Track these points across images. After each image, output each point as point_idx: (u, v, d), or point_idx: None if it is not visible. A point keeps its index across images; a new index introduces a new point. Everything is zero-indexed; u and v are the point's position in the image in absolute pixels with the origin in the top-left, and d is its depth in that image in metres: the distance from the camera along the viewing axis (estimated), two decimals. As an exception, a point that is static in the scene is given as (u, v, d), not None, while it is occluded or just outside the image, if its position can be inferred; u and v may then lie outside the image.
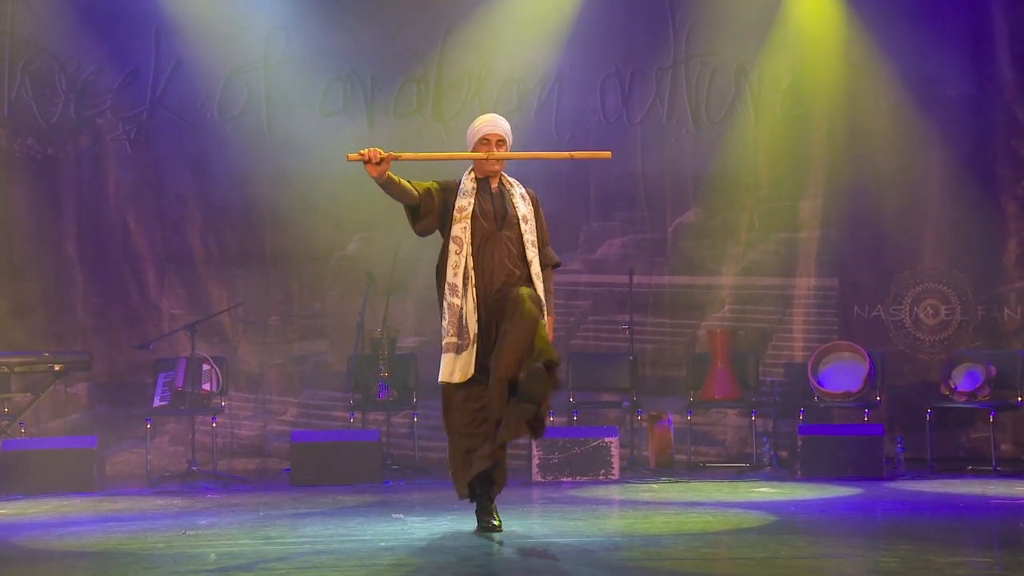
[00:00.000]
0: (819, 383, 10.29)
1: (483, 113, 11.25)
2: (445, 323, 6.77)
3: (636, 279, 10.65)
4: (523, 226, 6.89)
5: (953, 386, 10.18)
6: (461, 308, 6.74)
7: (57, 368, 9.85)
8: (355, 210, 10.75)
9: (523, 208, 6.93)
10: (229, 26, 10.88)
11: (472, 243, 6.82)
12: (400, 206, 6.90)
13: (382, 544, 6.53)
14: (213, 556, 6.26)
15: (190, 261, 10.90)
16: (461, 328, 6.73)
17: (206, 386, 10.09)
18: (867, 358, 10.24)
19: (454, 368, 6.73)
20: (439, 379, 6.80)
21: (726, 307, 11.08)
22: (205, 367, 10.09)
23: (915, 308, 11.01)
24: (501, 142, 6.92)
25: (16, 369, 9.85)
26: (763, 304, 11.08)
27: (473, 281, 6.78)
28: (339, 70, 11.02)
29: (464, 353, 6.71)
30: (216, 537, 6.90)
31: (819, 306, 11.05)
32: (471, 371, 6.73)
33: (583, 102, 11.12)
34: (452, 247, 6.80)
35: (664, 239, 11.12)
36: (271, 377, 10.93)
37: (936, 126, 11.00)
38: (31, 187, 10.76)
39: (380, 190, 6.78)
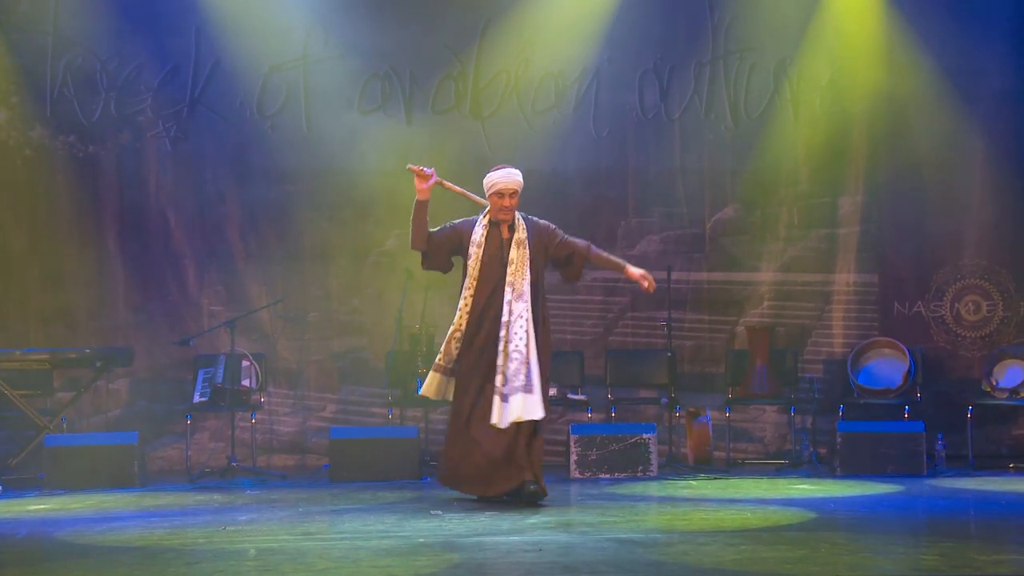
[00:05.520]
0: (859, 380, 10.24)
1: (521, 111, 11.37)
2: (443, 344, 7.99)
3: (675, 275, 10.63)
4: (519, 267, 7.72)
5: (995, 383, 10.11)
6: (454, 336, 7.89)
7: (99, 364, 9.90)
8: (393, 207, 10.76)
9: (520, 251, 7.74)
10: (268, 23, 10.92)
11: (478, 281, 7.77)
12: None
13: (421, 540, 6.55)
14: (253, 551, 6.29)
15: (229, 258, 10.95)
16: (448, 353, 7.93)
17: (245, 382, 10.13)
18: (907, 355, 10.18)
19: (433, 387, 8.02)
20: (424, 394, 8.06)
21: (765, 303, 11.04)
22: (244, 363, 10.12)
23: (956, 304, 10.94)
24: (514, 194, 7.77)
25: (58, 365, 9.91)
26: (802, 300, 11.03)
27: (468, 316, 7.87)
28: (377, 67, 11.04)
29: (441, 375, 7.99)
30: (256, 533, 6.93)
31: (859, 302, 10.99)
32: (448, 395, 8.03)
33: (621, 98, 11.10)
34: (465, 281, 7.89)
35: (703, 235, 11.09)
36: (310, 373, 10.97)
37: (978, 121, 10.92)
38: (73, 184, 10.83)
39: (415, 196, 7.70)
